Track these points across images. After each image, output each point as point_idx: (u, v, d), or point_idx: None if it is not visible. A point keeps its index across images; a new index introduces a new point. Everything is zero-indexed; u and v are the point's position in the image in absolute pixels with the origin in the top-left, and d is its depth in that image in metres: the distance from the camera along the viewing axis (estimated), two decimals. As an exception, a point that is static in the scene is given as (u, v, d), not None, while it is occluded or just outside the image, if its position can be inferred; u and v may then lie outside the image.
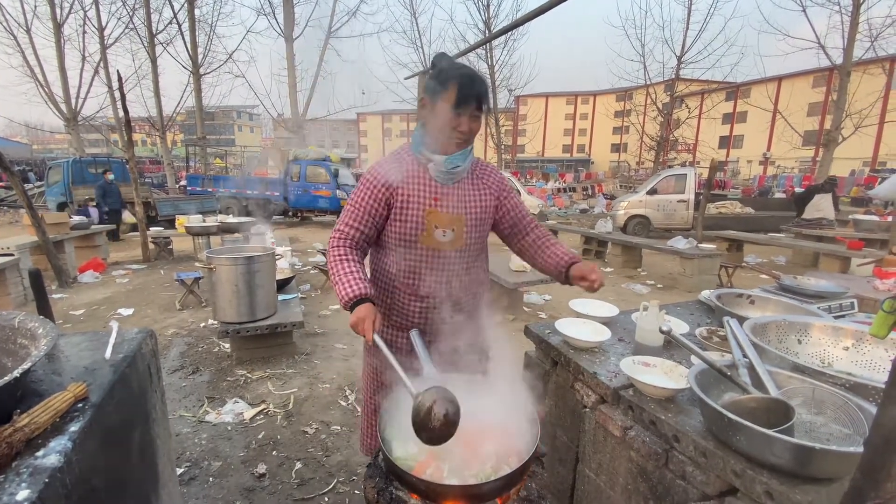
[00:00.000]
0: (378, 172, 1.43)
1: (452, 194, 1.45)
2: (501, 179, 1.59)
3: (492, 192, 1.54)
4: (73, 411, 0.97)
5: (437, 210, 1.42)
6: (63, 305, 5.24)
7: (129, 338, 1.40)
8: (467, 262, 1.51)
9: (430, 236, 1.42)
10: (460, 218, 1.44)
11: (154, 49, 16.95)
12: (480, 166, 1.56)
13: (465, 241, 1.46)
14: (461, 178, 1.47)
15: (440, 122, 1.36)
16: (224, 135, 50.71)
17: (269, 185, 13.57)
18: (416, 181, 1.43)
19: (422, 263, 1.45)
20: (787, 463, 1.03)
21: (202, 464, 2.37)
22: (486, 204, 1.51)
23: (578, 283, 1.46)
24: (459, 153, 1.41)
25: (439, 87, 1.35)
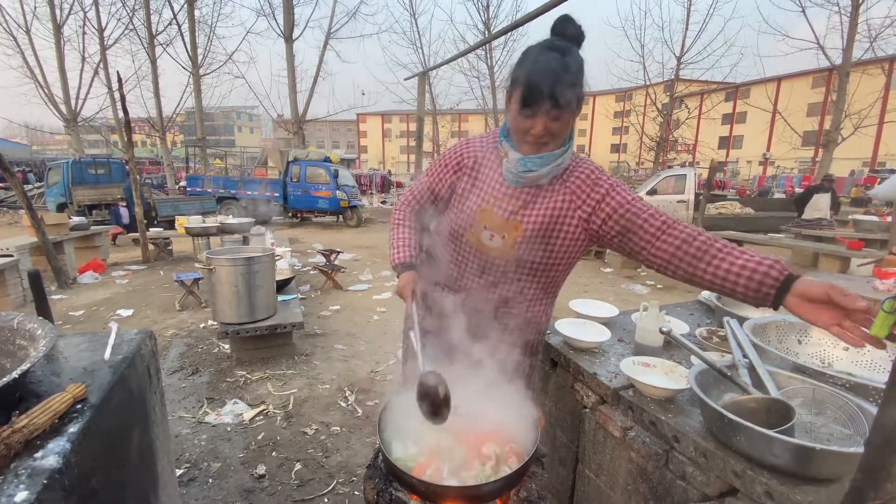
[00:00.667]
0: (452, 155, 1.40)
1: (518, 197, 1.26)
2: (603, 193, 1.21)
3: (579, 206, 1.23)
4: (72, 412, 0.96)
5: (493, 210, 1.27)
6: (62, 306, 5.23)
7: (129, 339, 1.40)
8: (514, 276, 1.32)
9: (477, 236, 1.30)
10: (517, 226, 1.24)
11: (154, 50, 16.95)
12: (582, 171, 1.25)
13: (514, 253, 1.27)
14: (537, 184, 1.25)
15: (512, 122, 1.21)
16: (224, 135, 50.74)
17: (268, 185, 13.57)
18: (487, 173, 1.32)
19: (463, 257, 1.38)
20: (788, 463, 1.03)
21: (202, 465, 2.37)
22: (563, 220, 1.24)
23: (817, 319, 0.93)
24: (538, 156, 1.18)
25: (513, 80, 1.16)
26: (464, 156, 1.37)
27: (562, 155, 1.21)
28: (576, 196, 1.24)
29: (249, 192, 13.77)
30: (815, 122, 30.77)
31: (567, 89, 1.09)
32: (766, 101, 21.14)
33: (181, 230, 7.56)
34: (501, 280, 1.34)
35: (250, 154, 19.86)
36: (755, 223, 10.96)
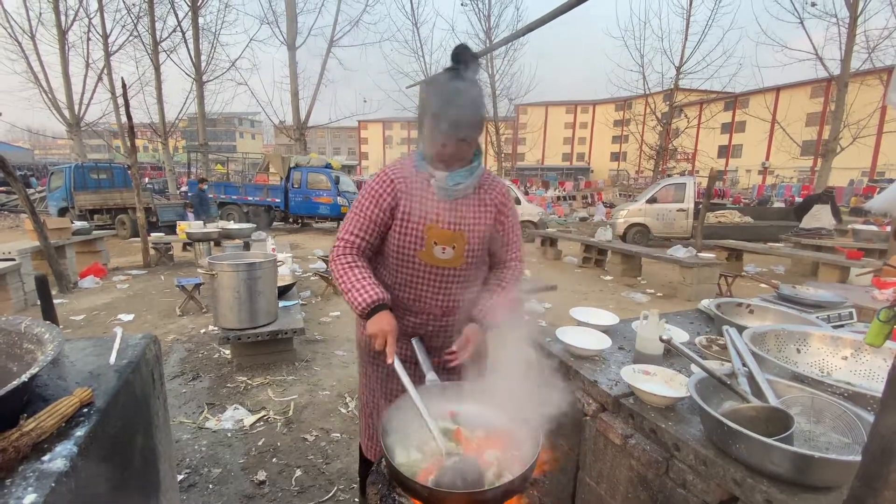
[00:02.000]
0: (383, 182, 1.39)
1: (455, 210, 1.39)
2: (504, 195, 1.49)
3: (494, 207, 1.46)
4: (79, 416, 0.97)
5: (438, 226, 1.37)
6: (64, 310, 5.23)
7: (133, 343, 1.41)
8: (466, 281, 1.47)
9: (429, 252, 1.38)
10: (462, 235, 1.39)
11: (157, 56, 17.10)
12: (489, 180, 1.47)
13: (465, 260, 1.41)
14: (466, 195, 1.41)
15: (430, 146, 1.33)
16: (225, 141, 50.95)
17: (269, 191, 13.62)
18: (419, 195, 1.38)
19: (418, 279, 1.42)
20: (787, 471, 1.03)
21: (202, 470, 2.37)
22: (488, 222, 1.45)
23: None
24: (463, 170, 1.36)
25: (427, 107, 1.30)
26: (395, 181, 1.39)
27: (478, 168, 1.41)
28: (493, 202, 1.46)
29: (251, 197, 13.81)
30: (814, 132, 30.93)
31: (473, 116, 1.29)
32: (765, 110, 21.26)
33: (182, 235, 7.59)
34: (455, 288, 1.45)
35: (252, 160, 19.96)
36: (754, 232, 11.00)
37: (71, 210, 12.28)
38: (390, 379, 1.53)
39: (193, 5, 16.55)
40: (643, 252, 7.42)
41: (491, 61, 19.75)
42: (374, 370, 1.56)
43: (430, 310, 1.46)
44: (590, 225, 14.73)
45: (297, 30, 15.95)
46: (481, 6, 19.49)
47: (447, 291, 1.44)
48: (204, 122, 17.88)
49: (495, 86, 20.26)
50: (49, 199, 13.41)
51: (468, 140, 1.31)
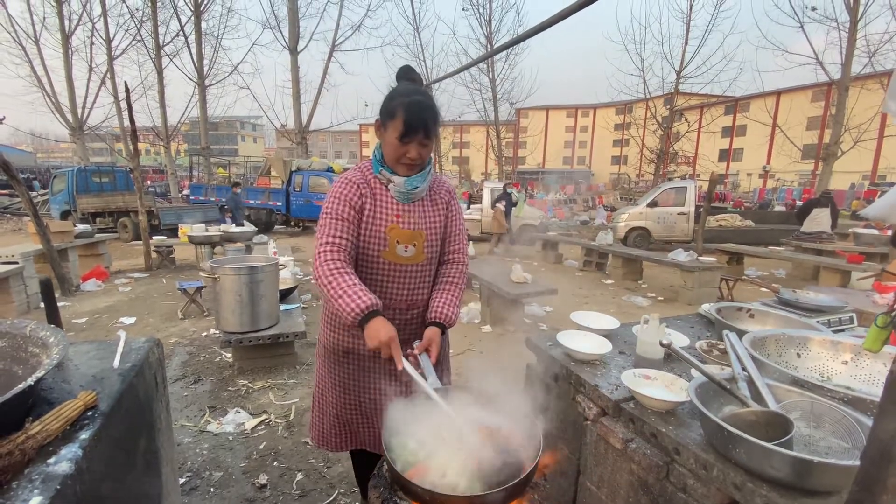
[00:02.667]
0: (348, 183, 1.46)
1: (413, 211, 1.50)
2: (451, 194, 1.63)
3: (444, 205, 1.58)
4: (83, 419, 0.98)
5: (399, 226, 1.46)
6: (66, 313, 5.24)
7: (137, 347, 1.42)
8: (428, 274, 1.57)
9: (393, 251, 1.46)
10: (421, 234, 1.50)
11: (160, 60, 17.19)
12: (437, 182, 1.61)
13: (425, 256, 1.52)
14: (421, 197, 1.53)
15: (390, 149, 1.41)
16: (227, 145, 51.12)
17: (271, 194, 13.66)
18: (380, 199, 1.47)
19: (383, 277, 1.50)
20: (787, 476, 1.04)
21: (203, 474, 2.37)
22: (441, 219, 1.57)
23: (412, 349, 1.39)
24: (419, 175, 1.46)
25: (388, 114, 1.39)
26: (359, 185, 1.46)
27: (430, 172, 1.52)
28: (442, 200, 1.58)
29: (253, 201, 13.85)
30: (815, 136, 30.94)
31: (434, 123, 1.39)
32: (765, 114, 21.28)
33: (184, 238, 7.61)
34: (418, 282, 1.54)
35: (254, 164, 20.02)
36: (755, 236, 11.00)
37: (73, 213, 12.32)
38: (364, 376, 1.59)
39: (196, 10, 16.65)
40: (644, 256, 7.42)
41: (492, 65, 19.82)
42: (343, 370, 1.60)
43: (395, 305, 1.53)
44: (590, 228, 14.74)
45: (299, 34, 16.04)
46: (482, 11, 19.59)
47: (411, 286, 1.53)
48: (206, 125, 17.95)
49: (496, 90, 20.31)
50: (52, 202, 13.46)
51: (430, 144, 1.42)
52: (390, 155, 1.43)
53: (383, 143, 1.45)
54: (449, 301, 1.52)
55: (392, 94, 1.42)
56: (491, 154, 23.25)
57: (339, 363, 1.60)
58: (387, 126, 1.40)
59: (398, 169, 1.45)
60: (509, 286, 4.67)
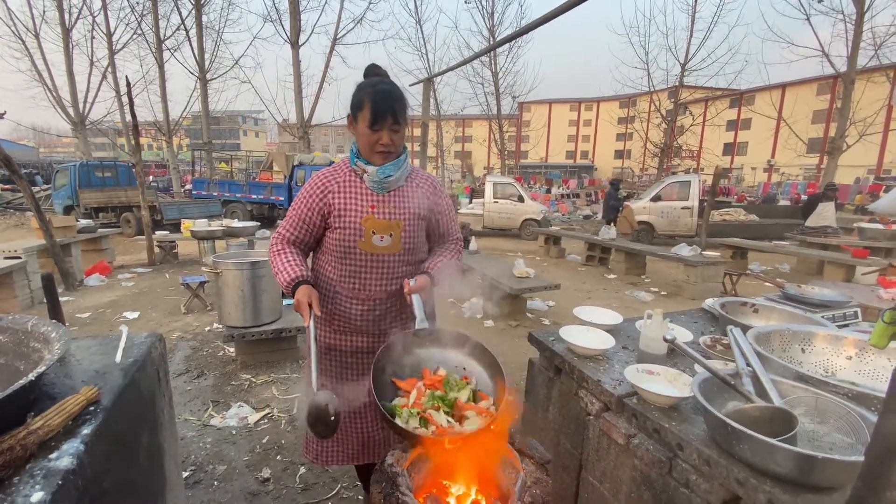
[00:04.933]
0: (314, 184, 1.52)
1: (389, 201, 1.52)
2: (435, 187, 1.65)
3: (427, 198, 1.60)
4: (85, 414, 0.98)
5: (374, 216, 1.49)
6: (69, 308, 5.27)
7: (139, 342, 1.42)
8: (407, 264, 1.58)
9: (369, 241, 1.50)
10: (397, 223, 1.52)
11: (162, 54, 17.13)
12: (418, 175, 1.63)
13: (402, 246, 1.54)
14: (398, 186, 1.55)
15: (362, 139, 1.46)
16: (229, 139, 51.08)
17: (273, 189, 13.65)
18: (353, 191, 1.51)
19: (361, 268, 1.53)
20: (790, 472, 1.03)
21: (207, 467, 2.38)
22: (420, 210, 1.57)
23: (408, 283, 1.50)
24: (391, 163, 1.49)
25: (356, 106, 1.44)
26: (326, 183, 1.52)
27: (405, 161, 1.55)
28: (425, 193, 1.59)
29: (255, 195, 13.84)
30: (820, 130, 30.68)
31: (402, 108, 1.44)
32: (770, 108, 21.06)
33: (187, 233, 7.62)
34: (397, 272, 1.56)
35: (256, 158, 20.00)
36: (760, 230, 10.93)
37: (76, 208, 12.35)
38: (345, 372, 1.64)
39: (197, 3, 16.55)
40: (647, 250, 7.39)
41: (494, 59, 19.67)
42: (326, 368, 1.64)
43: (375, 295, 1.56)
44: (593, 223, 14.69)
45: (301, 27, 15.92)
46: (485, 3, 19.42)
47: (390, 276, 1.56)
48: (208, 120, 17.91)
49: (498, 84, 20.18)
50: (54, 197, 13.49)
51: (400, 130, 1.46)
52: (364, 145, 1.47)
53: (356, 135, 1.49)
54: (443, 262, 1.60)
55: (358, 86, 1.47)
56: (493, 148, 23.13)
57: (321, 361, 1.63)
58: (357, 117, 1.45)
59: (373, 159, 1.48)
60: (512, 281, 4.66)
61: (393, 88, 1.45)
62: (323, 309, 1.59)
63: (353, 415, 1.60)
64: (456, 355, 1.44)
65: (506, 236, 12.48)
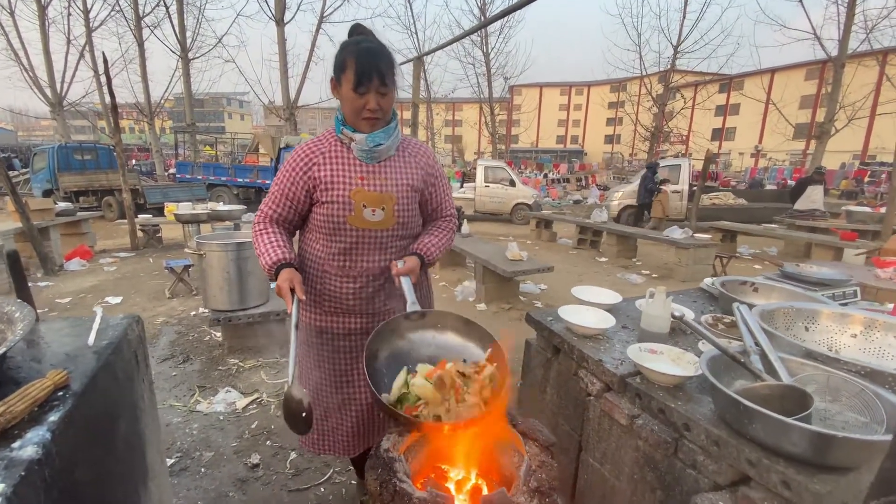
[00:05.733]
0: (297, 157, 1.40)
1: (380, 172, 1.41)
2: (430, 157, 1.53)
3: (421, 168, 1.49)
4: (53, 400, 0.91)
5: (364, 189, 1.38)
6: (49, 293, 5.11)
7: (114, 324, 1.33)
8: (401, 239, 1.49)
9: (359, 216, 1.38)
10: (390, 196, 1.41)
11: (141, 32, 16.50)
12: (412, 144, 1.52)
13: (396, 220, 1.43)
14: (388, 156, 1.43)
15: (347, 103, 1.34)
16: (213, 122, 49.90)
17: (260, 172, 13.36)
18: (340, 162, 1.39)
19: (352, 244, 1.42)
20: (805, 451, 0.99)
21: (193, 454, 2.31)
22: (414, 182, 1.46)
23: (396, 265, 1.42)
24: (381, 131, 1.37)
25: (339, 68, 1.32)
26: (310, 155, 1.40)
27: (395, 128, 1.42)
28: (419, 164, 1.48)
29: (241, 179, 13.55)
30: (808, 115, 30.89)
31: (390, 69, 1.32)
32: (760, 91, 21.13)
33: (170, 217, 7.42)
34: (390, 248, 1.46)
35: (241, 141, 19.52)
36: (748, 214, 11.01)
37: (55, 192, 11.97)
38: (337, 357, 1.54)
39: (177, -23, 15.92)
40: (639, 233, 7.39)
41: (486, 39, 19.32)
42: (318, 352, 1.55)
43: (368, 272, 1.46)
44: (584, 207, 14.68)
45: (286, 4, 15.37)
46: (475, -20, 18.98)
47: (383, 252, 1.46)
48: (191, 100, 17.37)
49: (490, 64, 19.87)
50: (33, 180, 13.04)
51: (388, 94, 1.34)
52: (349, 111, 1.35)
53: (341, 100, 1.37)
54: (433, 242, 1.50)
55: (342, 46, 1.34)
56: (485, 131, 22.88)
57: (313, 345, 1.55)
58: (341, 80, 1.33)
59: (360, 126, 1.37)
60: (504, 263, 4.61)
61: (380, 47, 1.33)
62: (310, 291, 1.50)
63: (347, 399, 1.53)
64: (451, 337, 1.36)
65: (497, 220, 12.41)
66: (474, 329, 1.34)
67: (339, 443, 1.56)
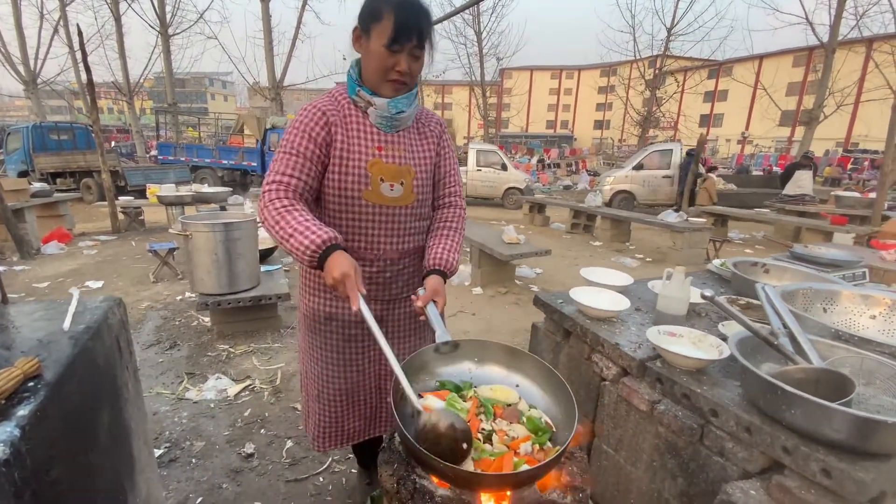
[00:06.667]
0: (313, 113, 1.19)
1: (398, 143, 1.26)
2: (442, 126, 1.39)
3: (434, 139, 1.35)
4: (23, 391, 0.80)
5: (382, 160, 1.22)
6: (25, 277, 4.89)
7: (93, 307, 1.21)
8: (420, 218, 1.34)
9: (376, 191, 1.22)
10: (409, 170, 1.26)
11: (118, 6, 15.79)
12: (424, 113, 1.37)
13: (415, 196, 1.28)
14: (406, 126, 1.28)
15: (374, 61, 1.15)
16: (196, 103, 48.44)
17: (245, 154, 13.00)
18: (355, 127, 1.22)
19: (367, 222, 1.25)
20: (847, 438, 0.93)
21: (183, 444, 2.21)
22: (431, 154, 1.33)
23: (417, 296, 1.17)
24: (404, 96, 1.21)
25: (371, 17, 1.12)
26: (326, 112, 1.20)
27: (416, 95, 1.26)
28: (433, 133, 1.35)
29: (225, 161, 13.18)
30: (794, 102, 31.07)
31: (430, 29, 1.15)
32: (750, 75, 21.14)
33: (153, 199, 7.17)
34: (409, 227, 1.32)
35: (225, 122, 18.95)
36: (738, 199, 11.06)
37: (31, 174, 11.50)
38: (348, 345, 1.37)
39: (154, -51, 15.18)
40: (634, 217, 7.36)
41: (478, 17, 18.92)
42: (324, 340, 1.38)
43: (385, 255, 1.30)
44: (574, 193, 14.63)
45: (271, -21, 14.83)
46: (467, -42, 18.48)
47: (402, 232, 1.30)
48: (172, 79, 16.74)
49: (482, 44, 19.50)
50: (7, 162, 12.50)
51: (421, 58, 1.18)
52: (374, 69, 1.16)
53: (365, 54, 1.17)
54: (449, 246, 1.31)
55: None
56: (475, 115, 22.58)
57: (319, 333, 1.38)
58: (370, 32, 1.13)
59: (382, 89, 1.19)
60: (501, 247, 4.52)
61: (420, 2, 1.14)
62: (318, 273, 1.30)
63: (353, 387, 1.41)
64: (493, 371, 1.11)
65: (489, 205, 12.30)
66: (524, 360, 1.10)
67: (344, 433, 1.45)
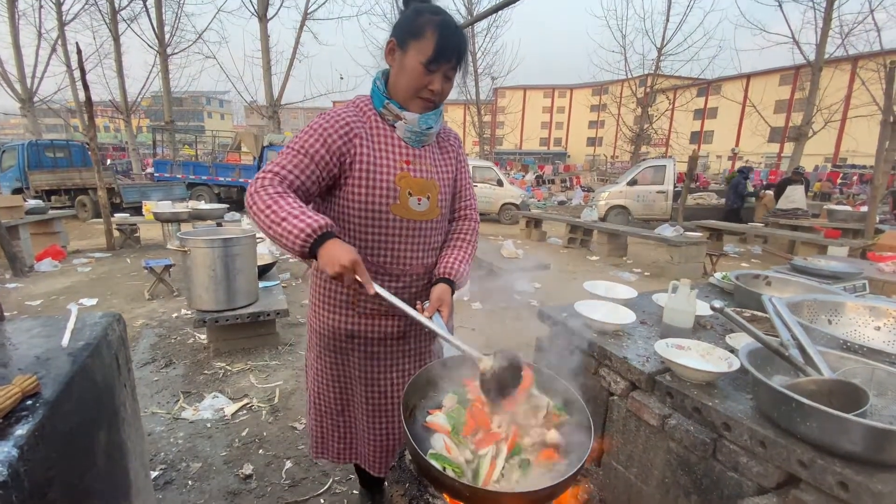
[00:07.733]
0: (334, 120, 1.15)
1: (425, 157, 1.27)
2: (459, 141, 1.42)
3: (454, 153, 1.38)
4: (21, 410, 0.78)
5: (410, 174, 1.22)
6: (18, 295, 4.82)
7: (92, 323, 1.19)
8: (443, 234, 1.36)
9: (404, 205, 1.21)
10: (434, 184, 1.27)
11: (117, 26, 15.95)
12: (445, 130, 1.39)
13: (440, 211, 1.30)
14: (431, 142, 1.31)
15: (407, 76, 1.15)
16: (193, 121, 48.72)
17: (242, 171, 13.02)
18: (383, 141, 1.21)
19: (394, 237, 1.24)
20: (866, 450, 0.92)
21: (179, 465, 2.15)
22: (452, 168, 1.35)
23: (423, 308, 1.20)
24: (433, 113, 1.23)
25: (412, 33, 1.13)
26: (351, 124, 1.17)
27: (442, 112, 1.28)
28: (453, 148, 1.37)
29: (222, 178, 13.19)
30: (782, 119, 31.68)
31: (465, 52, 1.18)
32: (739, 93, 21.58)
33: (149, 216, 7.13)
34: (435, 242, 1.33)
35: (222, 140, 19.03)
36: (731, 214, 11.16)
37: (26, 191, 11.45)
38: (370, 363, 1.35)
39: (154, -29, 15.43)
40: (631, 231, 7.40)
41: (473, 38, 19.27)
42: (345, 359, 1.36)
43: (412, 270, 1.29)
44: (568, 208, 14.73)
45: (269, 0, 15.09)
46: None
47: (427, 247, 1.30)
48: (169, 97, 16.83)
49: (477, 64, 19.82)
50: (1, 179, 12.45)
51: (452, 80, 1.21)
52: (406, 85, 1.16)
53: (399, 69, 1.17)
54: (460, 257, 1.32)
55: (418, 9, 1.15)
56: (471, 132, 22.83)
57: (338, 351, 1.34)
58: (408, 47, 1.13)
59: (410, 105, 1.19)
60: (500, 261, 4.52)
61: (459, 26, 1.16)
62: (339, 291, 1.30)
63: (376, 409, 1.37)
64: None
65: (485, 221, 12.35)
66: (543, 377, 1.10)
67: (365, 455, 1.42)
